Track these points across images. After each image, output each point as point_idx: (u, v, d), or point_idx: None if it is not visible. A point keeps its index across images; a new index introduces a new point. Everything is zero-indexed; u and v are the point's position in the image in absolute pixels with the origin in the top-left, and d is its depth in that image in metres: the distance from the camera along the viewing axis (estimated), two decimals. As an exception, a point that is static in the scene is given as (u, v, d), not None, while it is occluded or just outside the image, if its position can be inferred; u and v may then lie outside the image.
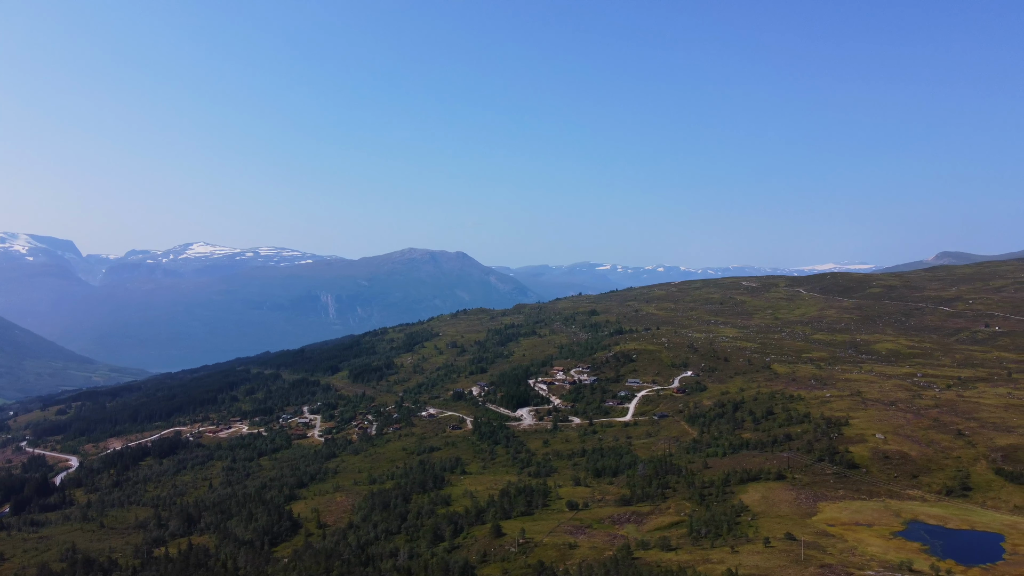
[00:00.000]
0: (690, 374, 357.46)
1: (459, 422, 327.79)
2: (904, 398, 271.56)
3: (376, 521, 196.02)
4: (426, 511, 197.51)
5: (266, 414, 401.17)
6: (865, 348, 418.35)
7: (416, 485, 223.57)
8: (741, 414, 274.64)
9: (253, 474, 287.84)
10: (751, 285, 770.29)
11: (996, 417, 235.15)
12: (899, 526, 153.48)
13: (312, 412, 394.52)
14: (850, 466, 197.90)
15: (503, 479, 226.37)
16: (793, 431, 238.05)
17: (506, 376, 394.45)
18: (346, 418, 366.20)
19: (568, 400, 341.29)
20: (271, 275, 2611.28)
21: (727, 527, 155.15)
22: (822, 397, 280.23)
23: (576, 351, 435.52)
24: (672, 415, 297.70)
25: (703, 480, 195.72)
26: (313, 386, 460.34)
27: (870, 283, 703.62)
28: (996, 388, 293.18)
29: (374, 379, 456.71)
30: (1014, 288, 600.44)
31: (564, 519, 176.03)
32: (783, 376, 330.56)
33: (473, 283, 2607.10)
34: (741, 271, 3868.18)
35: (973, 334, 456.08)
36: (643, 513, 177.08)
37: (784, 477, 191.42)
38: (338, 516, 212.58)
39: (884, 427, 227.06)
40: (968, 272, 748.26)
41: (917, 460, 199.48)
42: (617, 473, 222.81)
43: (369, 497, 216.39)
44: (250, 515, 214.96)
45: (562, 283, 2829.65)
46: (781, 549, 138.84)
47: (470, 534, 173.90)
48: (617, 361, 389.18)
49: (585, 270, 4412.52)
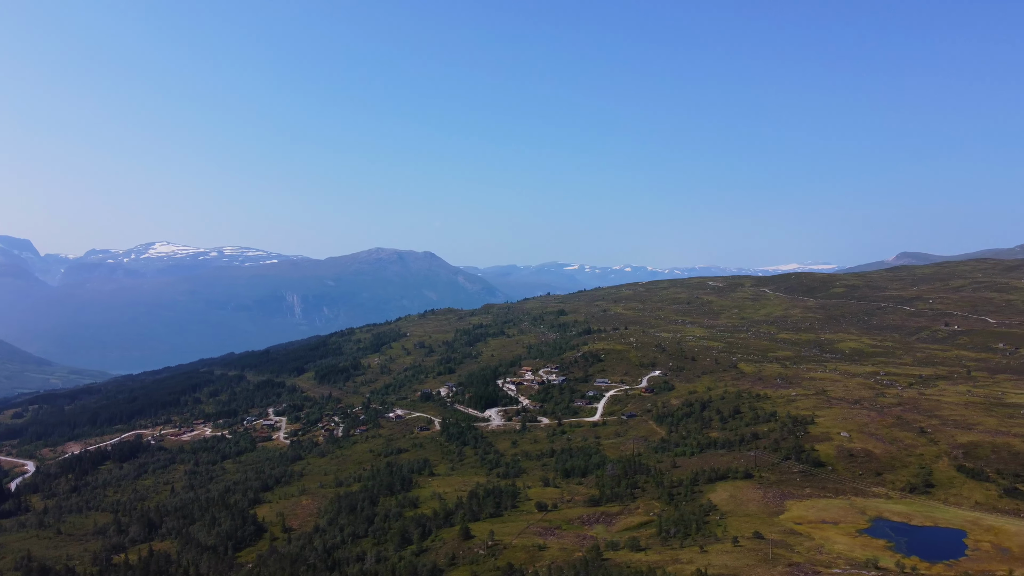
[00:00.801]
0: (658, 374, 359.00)
1: (427, 423, 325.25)
2: (868, 396, 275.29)
3: (343, 524, 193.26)
4: (394, 514, 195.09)
5: (230, 416, 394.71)
6: (829, 347, 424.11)
7: (383, 487, 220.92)
8: (709, 413, 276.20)
9: (217, 478, 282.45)
10: (717, 285, 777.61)
11: (957, 415, 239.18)
12: (864, 523, 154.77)
13: (277, 414, 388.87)
14: (816, 464, 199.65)
15: (472, 480, 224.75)
16: (760, 430, 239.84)
17: (474, 376, 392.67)
18: (312, 420, 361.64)
19: (537, 400, 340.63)
20: (236, 275, 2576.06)
21: (696, 527, 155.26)
22: (788, 396, 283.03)
23: (545, 351, 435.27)
24: (640, 415, 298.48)
25: (672, 480, 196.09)
26: (278, 387, 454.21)
27: (833, 283, 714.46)
28: (956, 386, 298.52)
29: (341, 380, 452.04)
30: (972, 288, 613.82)
31: (533, 520, 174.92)
32: (750, 375, 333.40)
33: (441, 283, 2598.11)
34: (707, 271, 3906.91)
35: (933, 333, 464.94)
36: (612, 513, 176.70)
37: (752, 476, 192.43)
38: (304, 520, 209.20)
39: (849, 425, 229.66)
40: (928, 272, 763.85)
41: (881, 458, 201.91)
42: (586, 473, 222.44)
43: (335, 500, 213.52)
44: (213, 520, 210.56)
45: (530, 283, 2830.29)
46: (750, 548, 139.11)
47: (438, 536, 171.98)
48: (586, 361, 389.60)
49: (553, 270, 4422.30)
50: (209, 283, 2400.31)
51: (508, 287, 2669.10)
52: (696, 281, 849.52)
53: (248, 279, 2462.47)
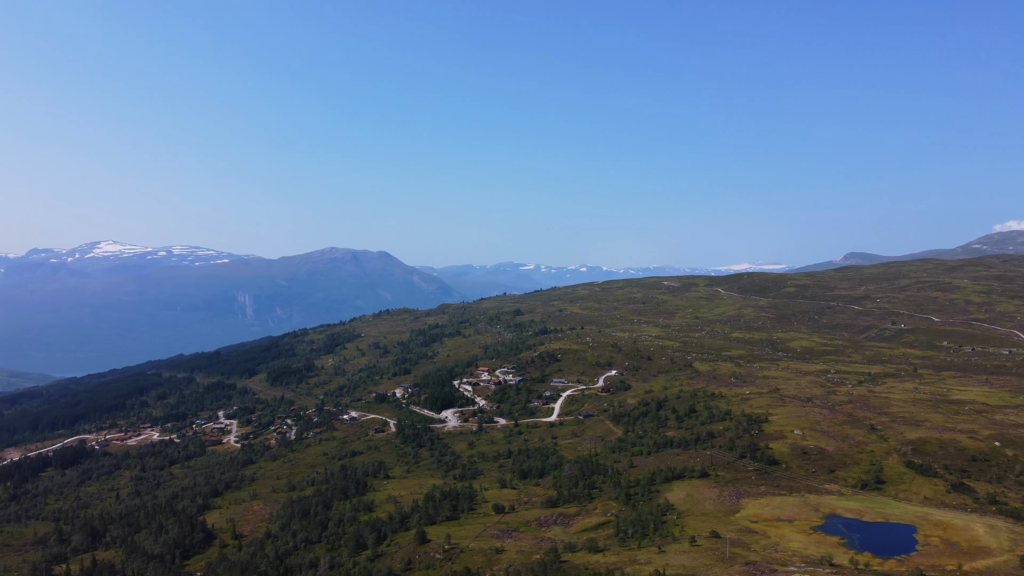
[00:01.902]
0: (614, 373, 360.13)
1: (382, 425, 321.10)
2: (819, 394, 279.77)
3: (295, 530, 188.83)
4: (348, 518, 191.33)
5: (179, 420, 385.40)
6: (781, 346, 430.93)
7: (337, 491, 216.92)
8: (665, 412, 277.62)
9: (164, 483, 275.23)
10: (672, 285, 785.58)
11: (905, 412, 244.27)
12: (818, 520, 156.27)
13: (228, 417, 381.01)
14: (771, 462, 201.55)
15: (428, 483, 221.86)
16: (715, 428, 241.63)
17: (430, 377, 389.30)
18: (264, 423, 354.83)
19: (493, 401, 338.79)
20: (185, 275, 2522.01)
21: (653, 526, 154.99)
22: (742, 394, 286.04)
23: (501, 351, 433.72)
24: (597, 414, 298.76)
25: (629, 479, 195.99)
26: (229, 390, 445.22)
27: (784, 283, 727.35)
28: (903, 383, 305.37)
29: (293, 382, 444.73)
30: (917, 288, 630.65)
31: (490, 523, 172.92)
32: (704, 374, 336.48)
33: (396, 283, 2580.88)
34: (662, 271, 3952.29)
35: (881, 331, 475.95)
36: (570, 514, 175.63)
37: (708, 475, 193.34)
38: (255, 525, 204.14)
39: (802, 423, 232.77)
40: (875, 272, 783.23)
41: (833, 455, 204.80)
42: (543, 474, 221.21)
43: (288, 505, 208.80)
44: (160, 527, 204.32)
45: (486, 283, 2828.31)
46: (707, 547, 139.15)
47: (394, 541, 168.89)
48: (542, 361, 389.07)
49: (509, 270, 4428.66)
50: (157, 283, 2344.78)
51: (464, 287, 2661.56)
52: (651, 281, 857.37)
53: (198, 279, 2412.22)
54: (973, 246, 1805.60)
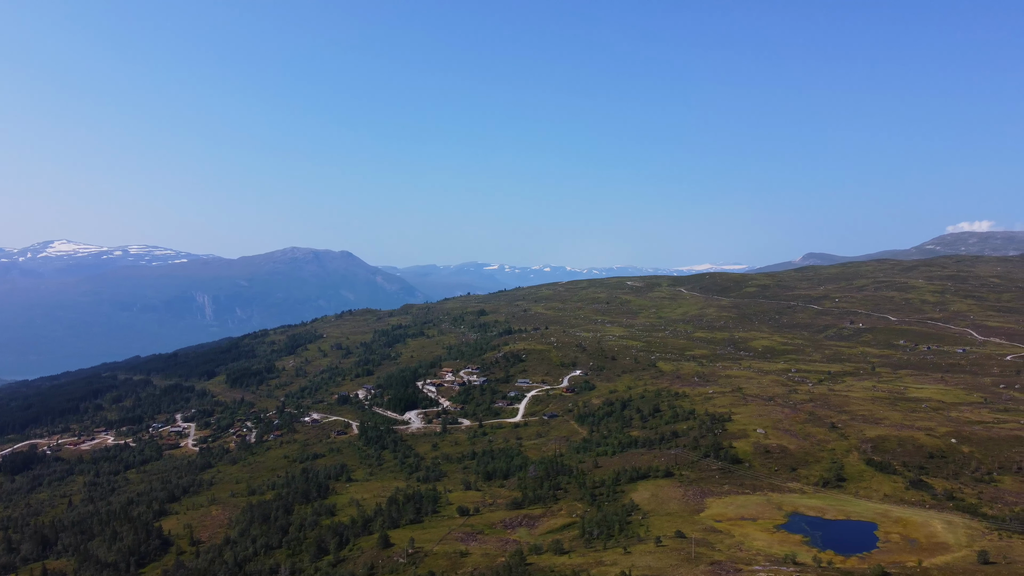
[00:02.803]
0: (579, 373, 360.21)
1: (344, 427, 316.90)
2: (781, 393, 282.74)
3: (255, 535, 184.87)
4: (309, 522, 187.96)
5: (135, 423, 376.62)
6: (743, 345, 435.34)
7: (299, 495, 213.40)
8: (629, 412, 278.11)
9: (119, 489, 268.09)
10: (635, 285, 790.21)
11: (864, 410, 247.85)
12: (781, 519, 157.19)
13: (186, 420, 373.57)
14: (734, 461, 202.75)
15: (391, 485, 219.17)
16: (679, 428, 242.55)
17: (393, 378, 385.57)
18: (223, 425, 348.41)
19: (458, 402, 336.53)
20: (142, 275, 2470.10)
21: (619, 527, 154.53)
22: (705, 394, 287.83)
23: (465, 352, 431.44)
24: (562, 415, 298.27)
25: (594, 480, 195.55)
26: (187, 392, 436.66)
27: (746, 283, 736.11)
28: (862, 382, 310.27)
29: (254, 384, 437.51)
30: (874, 287, 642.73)
31: (455, 526, 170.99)
32: (668, 374, 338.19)
33: (359, 283, 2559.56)
34: (625, 271, 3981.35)
35: (840, 331, 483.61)
36: (535, 516, 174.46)
37: (672, 474, 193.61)
38: (213, 531, 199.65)
39: (764, 422, 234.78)
40: (833, 272, 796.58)
41: (795, 453, 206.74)
42: (508, 475, 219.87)
43: (247, 509, 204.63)
44: (114, 534, 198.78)
45: (450, 283, 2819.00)
46: (672, 548, 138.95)
47: (356, 546, 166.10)
48: (507, 361, 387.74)
49: (473, 270, 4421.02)
50: (113, 283, 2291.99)
51: (428, 287, 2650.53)
52: (615, 281, 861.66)
53: (155, 279, 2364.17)
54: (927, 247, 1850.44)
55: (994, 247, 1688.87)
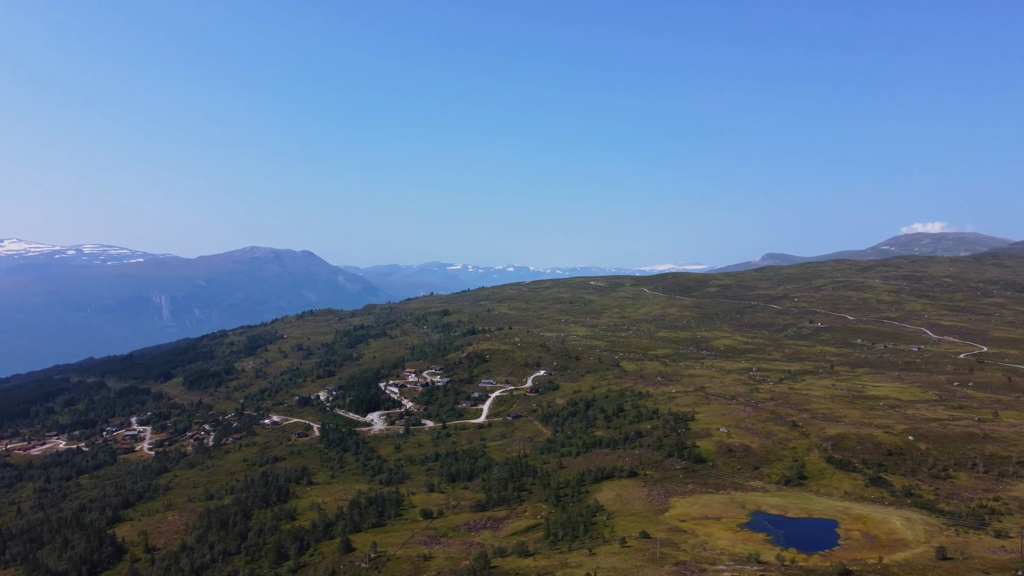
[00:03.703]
0: (543, 373, 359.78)
1: (305, 429, 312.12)
2: (743, 392, 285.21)
3: (213, 541, 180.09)
4: (269, 527, 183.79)
5: (88, 427, 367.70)
6: (705, 344, 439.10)
7: (258, 499, 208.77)
8: (593, 412, 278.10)
9: (71, 495, 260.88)
10: (599, 285, 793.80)
11: (824, 408, 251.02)
12: (745, 517, 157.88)
13: (141, 423, 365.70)
14: (697, 460, 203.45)
15: (353, 488, 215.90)
16: (643, 428, 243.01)
17: (355, 379, 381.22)
18: (180, 429, 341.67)
19: (421, 403, 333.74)
20: (96, 274, 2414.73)
21: (584, 528, 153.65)
22: (669, 393, 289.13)
23: (428, 352, 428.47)
24: (526, 415, 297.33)
25: (558, 481, 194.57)
26: (143, 395, 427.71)
27: (707, 283, 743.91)
28: (822, 380, 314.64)
29: (212, 386, 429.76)
30: (832, 287, 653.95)
31: (418, 529, 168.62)
32: (632, 373, 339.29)
33: (320, 283, 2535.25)
34: (588, 271, 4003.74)
35: (799, 330, 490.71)
36: (499, 518, 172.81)
37: (637, 474, 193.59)
38: (169, 538, 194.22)
39: (727, 421, 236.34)
40: (792, 272, 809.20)
41: (758, 452, 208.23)
42: (472, 477, 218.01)
43: (205, 515, 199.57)
44: (65, 542, 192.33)
45: (413, 283, 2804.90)
46: (637, 548, 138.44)
47: (317, 551, 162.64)
48: (470, 362, 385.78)
49: (436, 270, 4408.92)
50: (66, 283, 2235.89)
51: (390, 287, 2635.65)
52: (578, 281, 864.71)
53: (111, 279, 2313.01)
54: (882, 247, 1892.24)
55: (946, 248, 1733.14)
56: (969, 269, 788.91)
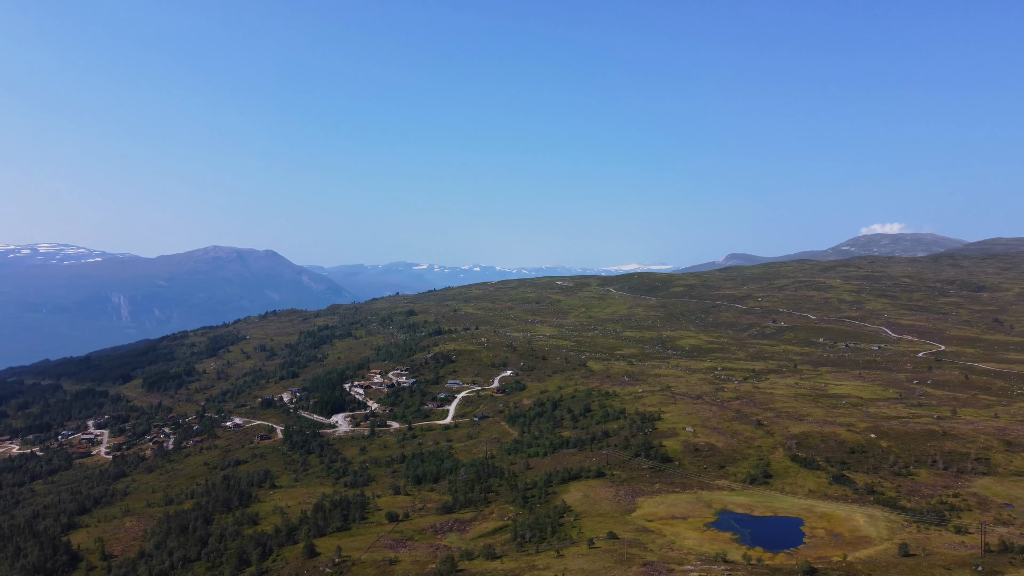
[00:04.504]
0: (509, 373, 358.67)
1: (268, 431, 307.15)
2: (708, 391, 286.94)
3: (172, 547, 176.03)
4: (230, 533, 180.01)
5: (43, 431, 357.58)
6: (671, 344, 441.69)
7: (219, 503, 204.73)
8: (560, 412, 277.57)
9: (24, 501, 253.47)
10: (565, 285, 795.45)
11: (788, 407, 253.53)
12: (711, 517, 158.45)
13: (99, 427, 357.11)
14: (664, 460, 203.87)
15: (317, 491, 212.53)
16: (610, 427, 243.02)
17: (320, 380, 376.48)
18: (139, 432, 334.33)
19: (386, 404, 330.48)
20: (52, 274, 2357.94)
21: (551, 530, 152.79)
22: (635, 393, 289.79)
23: (394, 353, 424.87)
24: (492, 416, 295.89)
25: (525, 482, 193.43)
26: (101, 397, 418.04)
27: (673, 282, 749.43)
28: (785, 379, 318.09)
29: (172, 387, 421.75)
30: (795, 287, 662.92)
31: (383, 532, 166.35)
32: (598, 373, 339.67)
33: (284, 283, 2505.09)
34: (554, 271, 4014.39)
35: (763, 329, 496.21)
36: (466, 520, 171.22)
37: (604, 474, 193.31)
38: (127, 544, 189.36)
39: (693, 420, 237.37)
40: (756, 272, 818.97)
41: (724, 451, 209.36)
42: (438, 479, 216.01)
43: (164, 520, 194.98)
44: (18, 550, 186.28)
45: (378, 283, 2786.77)
46: (605, 549, 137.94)
47: (280, 556, 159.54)
48: (436, 362, 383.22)
49: (402, 270, 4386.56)
50: (20, 283, 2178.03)
51: (355, 287, 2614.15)
52: (545, 281, 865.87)
53: (67, 279, 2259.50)
54: (842, 248, 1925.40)
55: (904, 248, 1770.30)
56: (927, 269, 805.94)
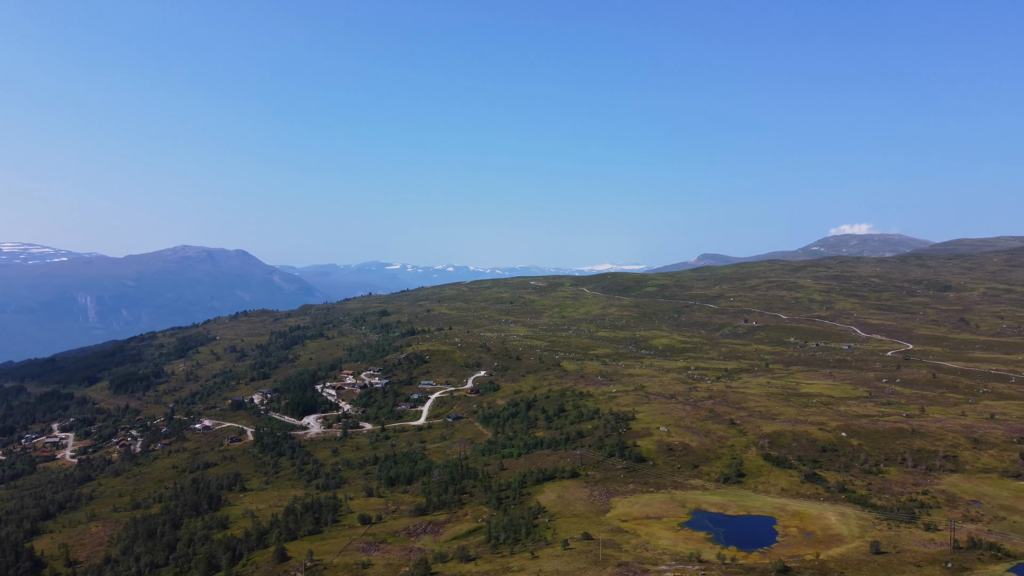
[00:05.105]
0: (483, 374, 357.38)
1: (239, 433, 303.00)
2: (682, 391, 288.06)
3: (139, 553, 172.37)
4: (199, 537, 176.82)
5: (5, 434, 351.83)
6: (644, 344, 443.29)
7: (188, 507, 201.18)
8: (534, 412, 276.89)
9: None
10: (539, 284, 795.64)
11: (761, 406, 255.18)
12: (685, 516, 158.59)
13: (64, 430, 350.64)
14: (638, 460, 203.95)
15: (288, 494, 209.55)
16: (584, 427, 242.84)
17: (291, 382, 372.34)
18: (106, 435, 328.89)
19: (359, 405, 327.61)
20: (16, 274, 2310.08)
21: (525, 531, 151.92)
22: (609, 393, 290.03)
23: (367, 353, 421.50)
24: (466, 416, 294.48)
25: (500, 483, 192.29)
26: (66, 399, 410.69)
27: (646, 283, 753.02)
28: (757, 378, 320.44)
29: (140, 389, 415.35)
30: (766, 287, 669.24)
31: (356, 535, 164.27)
32: (572, 373, 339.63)
33: (255, 283, 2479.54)
34: (527, 271, 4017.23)
35: (735, 329, 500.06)
36: (440, 522, 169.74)
37: (578, 475, 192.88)
38: (92, 550, 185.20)
39: (667, 420, 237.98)
40: (728, 272, 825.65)
41: (697, 450, 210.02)
42: (412, 480, 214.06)
43: (131, 525, 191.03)
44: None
45: (351, 283, 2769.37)
46: (580, 550, 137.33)
47: (250, 560, 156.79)
48: (410, 363, 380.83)
49: (375, 269, 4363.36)
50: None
51: (328, 287, 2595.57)
52: (518, 281, 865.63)
53: (32, 279, 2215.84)
54: (812, 248, 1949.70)
55: (872, 248, 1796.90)
56: (894, 269, 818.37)
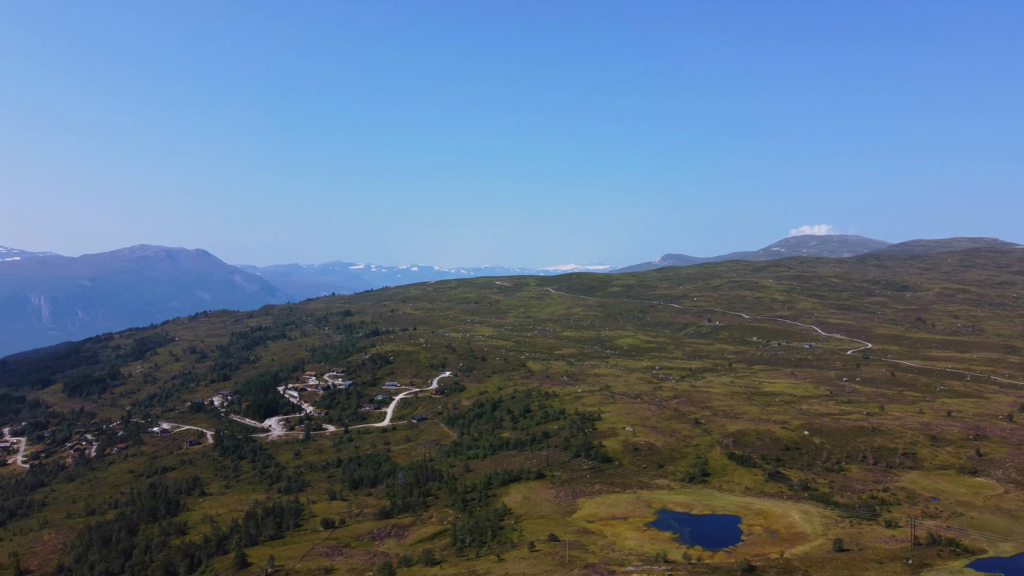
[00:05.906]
0: (448, 374, 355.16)
1: (198, 436, 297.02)
2: (647, 391, 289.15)
3: (93, 561, 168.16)
4: (157, 544, 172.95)
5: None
6: (609, 344, 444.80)
7: (145, 513, 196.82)
8: (500, 413, 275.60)
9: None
10: (504, 284, 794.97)
11: (725, 405, 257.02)
12: (651, 516, 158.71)
13: (15, 434, 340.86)
14: (604, 460, 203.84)
15: (249, 498, 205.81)
16: (550, 428, 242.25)
17: (252, 383, 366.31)
18: (59, 439, 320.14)
19: (322, 407, 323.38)
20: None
21: (491, 533, 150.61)
22: (575, 393, 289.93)
23: (330, 354, 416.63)
24: (431, 417, 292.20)
25: (465, 484, 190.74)
26: (17, 403, 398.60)
27: (611, 282, 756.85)
28: (721, 377, 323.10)
29: (96, 392, 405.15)
30: (729, 287, 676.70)
31: (319, 540, 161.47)
32: (538, 373, 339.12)
33: (216, 283, 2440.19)
34: (493, 271, 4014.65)
35: (698, 328, 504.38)
36: (404, 525, 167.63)
37: (544, 476, 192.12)
38: (45, 559, 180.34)
39: (633, 420, 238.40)
40: (691, 272, 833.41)
41: (663, 450, 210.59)
42: (376, 483, 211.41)
43: (85, 532, 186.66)
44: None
45: (314, 283, 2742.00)
46: (546, 552, 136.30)
47: (210, 567, 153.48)
48: (374, 364, 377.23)
49: (338, 269, 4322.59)
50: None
51: (290, 287, 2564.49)
52: (484, 281, 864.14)
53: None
54: (773, 248, 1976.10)
55: (831, 249, 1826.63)
56: (853, 270, 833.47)
